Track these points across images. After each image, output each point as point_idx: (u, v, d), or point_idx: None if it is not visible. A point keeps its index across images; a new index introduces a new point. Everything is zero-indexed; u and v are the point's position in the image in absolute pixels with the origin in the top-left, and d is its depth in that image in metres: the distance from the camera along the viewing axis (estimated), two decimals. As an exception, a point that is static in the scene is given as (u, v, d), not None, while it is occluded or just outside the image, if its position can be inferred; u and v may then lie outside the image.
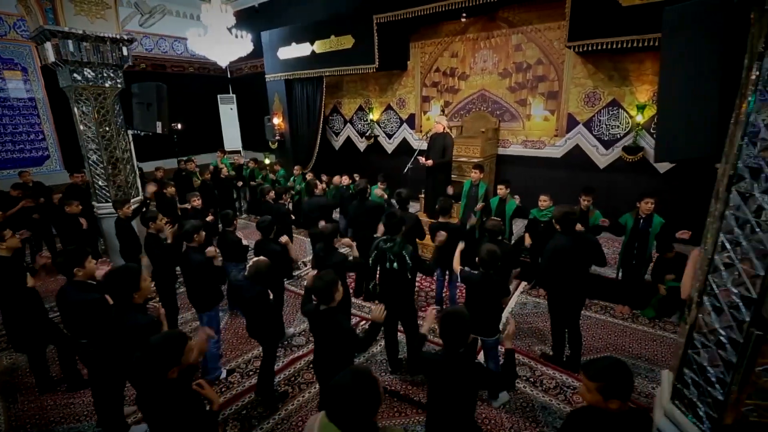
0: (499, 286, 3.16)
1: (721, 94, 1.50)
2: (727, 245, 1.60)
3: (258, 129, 10.62)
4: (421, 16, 6.87)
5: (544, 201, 5.04)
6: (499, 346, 3.39)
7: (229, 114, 12.35)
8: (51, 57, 4.59)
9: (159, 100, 5.41)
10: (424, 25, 7.95)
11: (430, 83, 8.44)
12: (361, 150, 9.96)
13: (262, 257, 3.40)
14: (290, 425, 3.23)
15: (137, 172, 5.70)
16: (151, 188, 6.40)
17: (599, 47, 5.44)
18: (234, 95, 12.38)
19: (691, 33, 1.62)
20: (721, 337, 1.67)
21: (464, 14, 7.00)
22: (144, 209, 4.85)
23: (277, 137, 9.95)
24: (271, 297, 3.33)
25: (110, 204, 5.14)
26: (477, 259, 3.11)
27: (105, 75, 4.92)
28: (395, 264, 3.44)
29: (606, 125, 6.73)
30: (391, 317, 3.73)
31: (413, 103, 8.79)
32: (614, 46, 5.30)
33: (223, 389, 3.67)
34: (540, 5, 6.73)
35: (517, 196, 5.67)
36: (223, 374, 3.87)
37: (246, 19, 11.01)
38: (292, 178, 8.13)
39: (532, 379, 3.68)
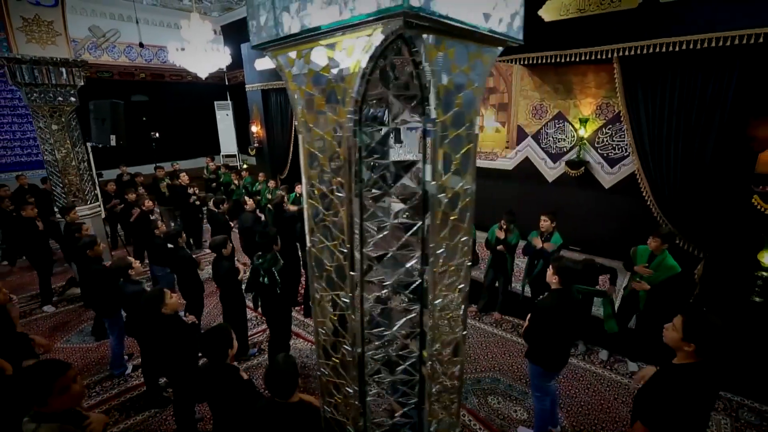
0: None
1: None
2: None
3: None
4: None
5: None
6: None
7: (225, 120, 13.02)
8: (9, 80, 5.20)
9: (113, 115, 5.92)
10: (386, 36, 8.11)
11: (394, 93, 8.58)
12: (336, 157, 10.25)
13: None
14: (162, 419, 3.59)
15: (95, 180, 6.28)
16: (132, 195, 6.87)
17: (527, 62, 5.43)
18: (231, 102, 13.03)
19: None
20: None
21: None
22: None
23: (255, 144, 10.44)
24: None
25: (66, 209, 5.72)
26: None
27: (58, 95, 5.49)
28: (266, 279, 3.70)
29: (553, 138, 6.64)
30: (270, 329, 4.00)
31: (379, 113, 8.97)
32: (539, 62, 5.25)
33: (120, 382, 4.08)
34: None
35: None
36: (129, 370, 4.27)
37: (234, 31, 11.62)
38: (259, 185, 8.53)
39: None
